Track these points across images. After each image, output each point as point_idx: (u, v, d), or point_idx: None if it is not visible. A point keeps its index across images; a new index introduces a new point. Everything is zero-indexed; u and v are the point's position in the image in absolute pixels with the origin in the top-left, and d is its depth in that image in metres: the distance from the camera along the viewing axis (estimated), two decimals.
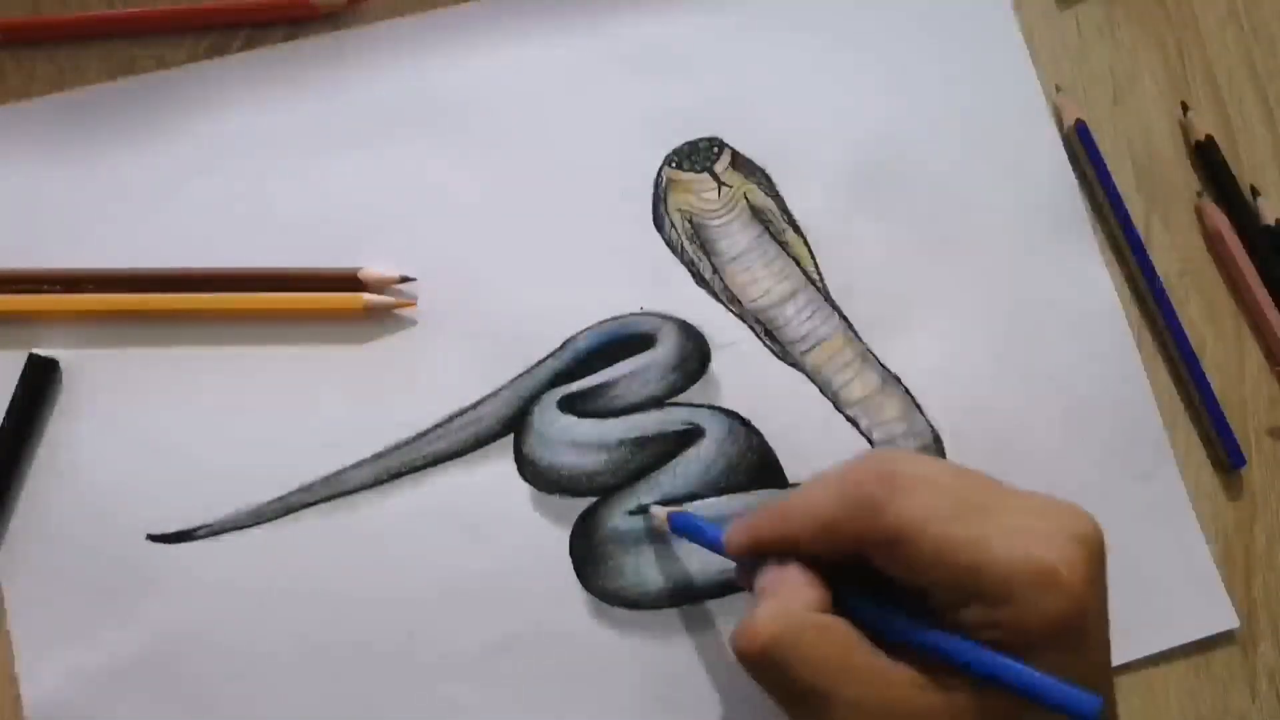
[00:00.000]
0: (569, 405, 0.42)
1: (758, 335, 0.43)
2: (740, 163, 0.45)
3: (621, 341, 0.43)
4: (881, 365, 0.43)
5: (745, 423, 0.42)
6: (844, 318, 0.44)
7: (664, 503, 0.41)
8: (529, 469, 0.41)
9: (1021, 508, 0.32)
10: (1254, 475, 0.44)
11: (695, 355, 0.43)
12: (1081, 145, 0.46)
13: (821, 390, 0.43)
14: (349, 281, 0.42)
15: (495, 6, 0.45)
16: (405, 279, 0.43)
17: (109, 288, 0.42)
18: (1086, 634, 0.31)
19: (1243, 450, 0.44)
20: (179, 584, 0.40)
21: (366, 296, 0.42)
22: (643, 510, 0.41)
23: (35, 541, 0.40)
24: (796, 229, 0.44)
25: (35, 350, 0.41)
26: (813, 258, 0.44)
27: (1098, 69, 0.47)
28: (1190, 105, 0.47)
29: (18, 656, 0.39)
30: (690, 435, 0.42)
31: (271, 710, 0.39)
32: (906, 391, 0.43)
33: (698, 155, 0.44)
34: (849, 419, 0.43)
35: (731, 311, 0.43)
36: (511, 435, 0.42)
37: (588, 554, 0.41)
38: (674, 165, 0.44)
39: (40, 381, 0.41)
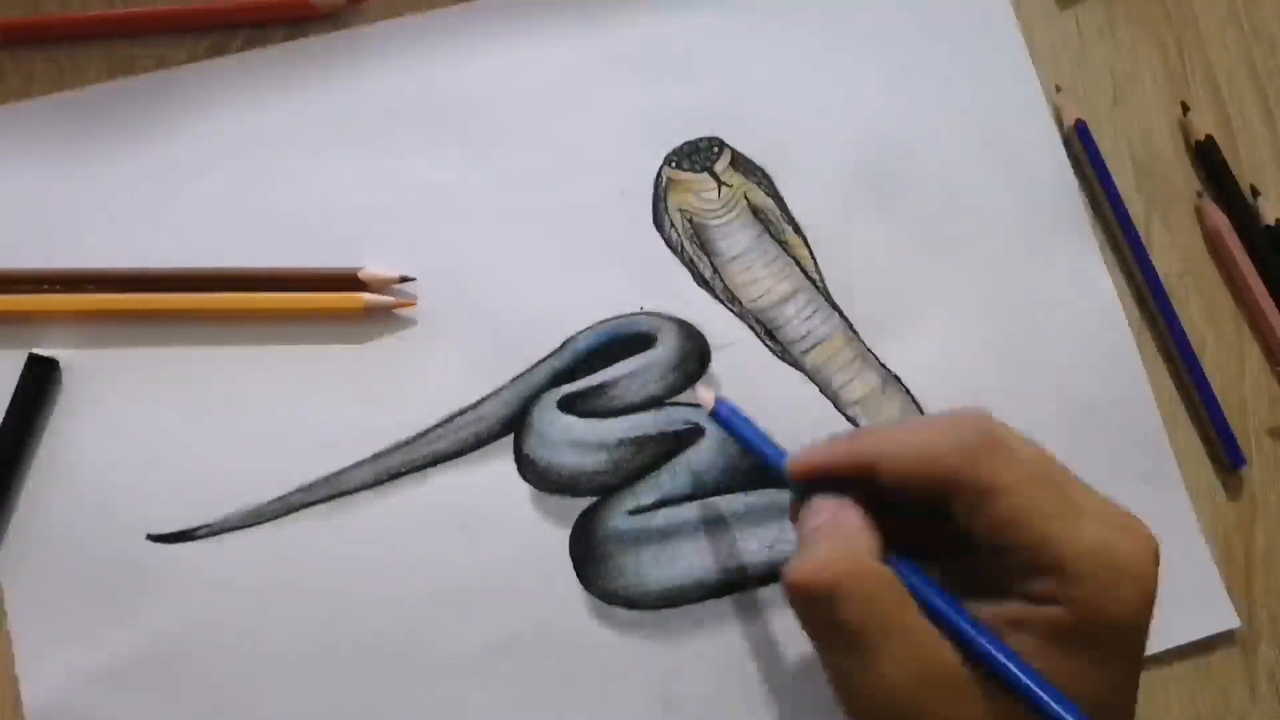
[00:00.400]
0: (569, 405, 0.42)
1: (758, 335, 0.43)
2: (740, 163, 0.45)
3: (621, 341, 0.43)
4: (881, 365, 0.43)
5: None
6: (844, 317, 0.44)
7: (663, 503, 0.41)
8: (529, 469, 0.41)
9: (1099, 502, 0.32)
10: (1254, 475, 0.44)
11: (695, 355, 0.43)
12: (1082, 145, 0.46)
13: (821, 390, 0.43)
14: (349, 281, 0.42)
15: (495, 6, 0.45)
16: (405, 279, 0.43)
17: (109, 287, 0.42)
18: (1141, 639, 0.31)
19: (1243, 450, 0.44)
20: (179, 584, 0.40)
21: (366, 296, 0.42)
22: (642, 510, 0.41)
23: (35, 541, 0.40)
24: (796, 229, 0.44)
25: (35, 350, 0.41)
26: (813, 258, 0.44)
27: (1098, 69, 0.47)
28: (1190, 105, 0.47)
29: (17, 657, 0.39)
30: (690, 435, 0.42)
31: (272, 710, 0.39)
32: (906, 391, 0.43)
33: (698, 155, 0.44)
34: (849, 419, 0.43)
35: (731, 311, 0.43)
36: (511, 435, 0.42)
37: (588, 554, 0.41)
38: (674, 165, 0.44)
39: (40, 381, 0.41)
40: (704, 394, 0.38)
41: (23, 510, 0.40)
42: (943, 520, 0.32)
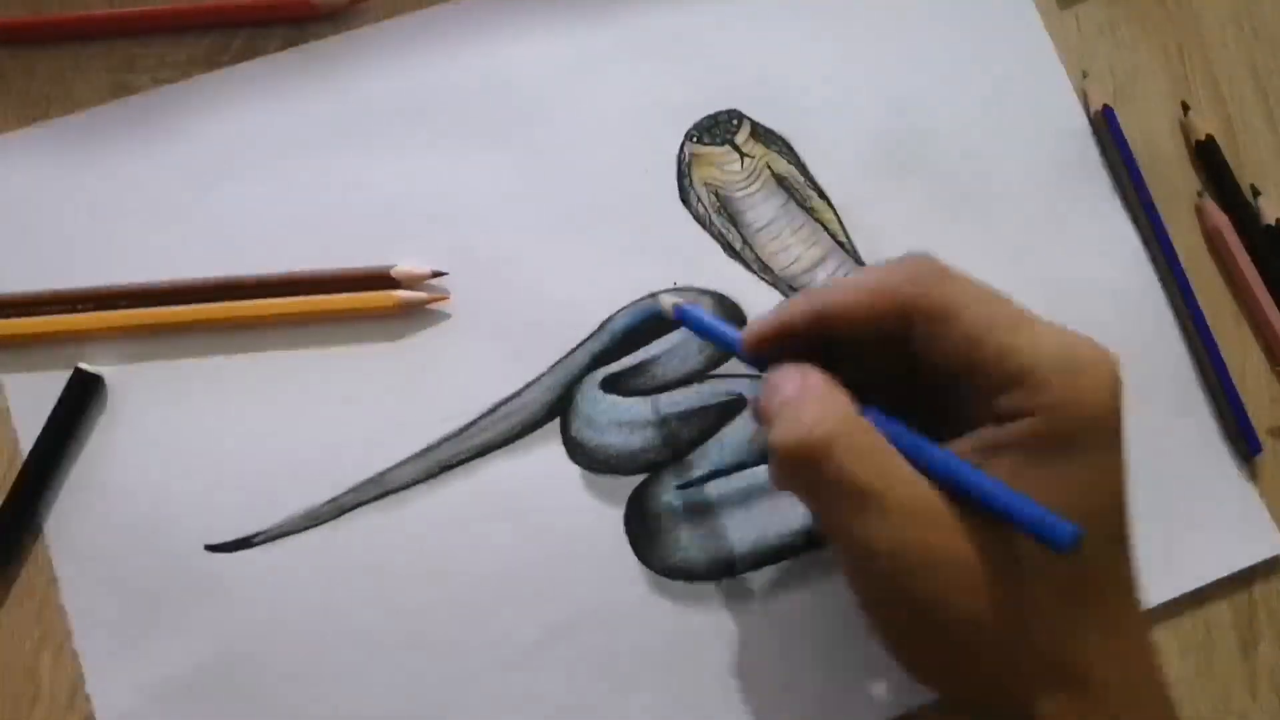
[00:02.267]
0: (611, 385, 0.42)
1: None
2: (760, 133, 0.45)
3: (658, 319, 0.43)
4: None
5: None
6: None
7: (713, 475, 0.41)
8: (578, 451, 0.42)
9: (1048, 322, 0.31)
10: (1256, 473, 0.44)
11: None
12: (1108, 130, 0.46)
13: None
14: (382, 280, 0.42)
15: None
16: (437, 274, 0.43)
17: (143, 302, 0.42)
18: (1117, 435, 0.30)
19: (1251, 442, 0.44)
20: (240, 592, 0.40)
21: (400, 294, 0.42)
22: (693, 483, 0.41)
23: (94, 560, 0.40)
24: (821, 194, 0.45)
25: (81, 365, 0.41)
26: (839, 222, 0.44)
27: (1099, 68, 0.48)
28: (1191, 105, 0.47)
29: (88, 676, 0.39)
30: (734, 406, 0.42)
31: (340, 710, 0.39)
32: None
33: (718, 128, 0.45)
34: None
35: (764, 280, 0.44)
36: (557, 420, 0.42)
37: (643, 530, 0.41)
38: (695, 140, 0.45)
39: (84, 397, 0.41)
40: (666, 300, 0.39)
41: (78, 529, 0.40)
42: (902, 371, 0.32)
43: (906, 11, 0.47)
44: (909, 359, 0.32)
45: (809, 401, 0.31)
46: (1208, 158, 0.47)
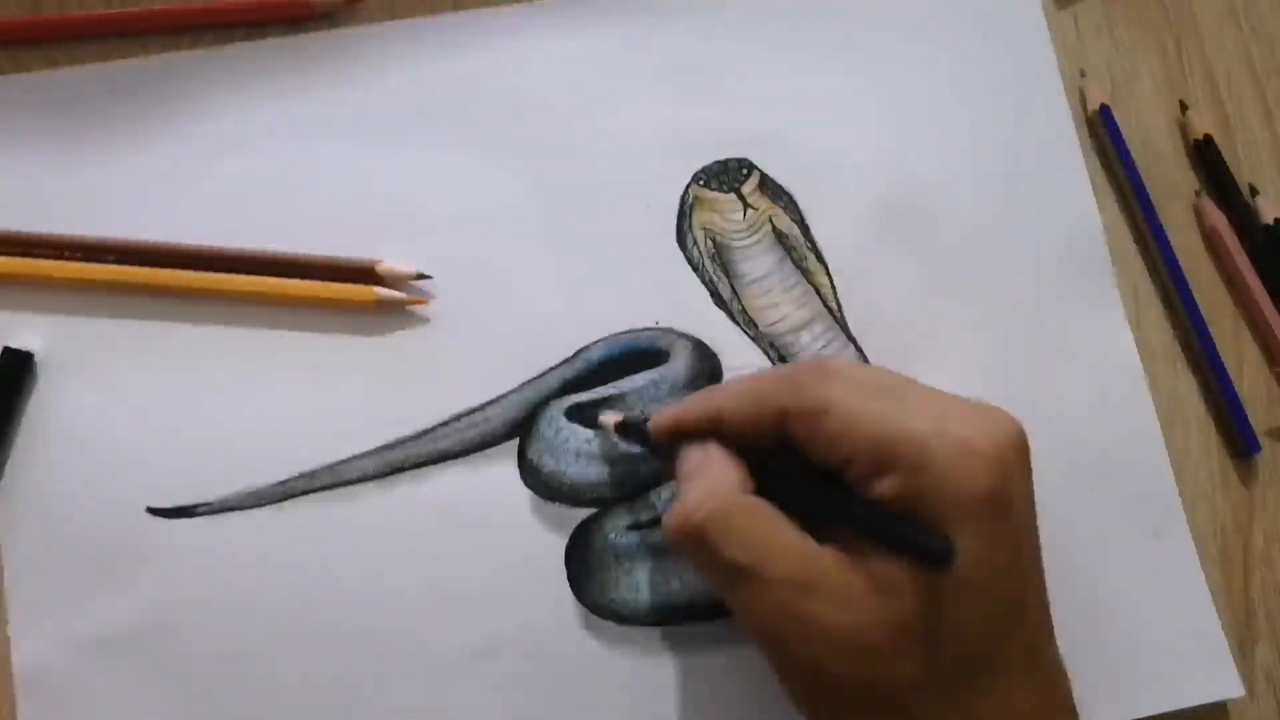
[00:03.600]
0: (577, 414, 0.42)
1: (771, 360, 0.43)
2: (768, 186, 0.44)
3: (634, 354, 0.43)
4: None
5: None
6: (859, 349, 0.43)
7: (660, 520, 0.41)
8: (531, 475, 0.41)
9: (945, 399, 0.33)
10: (1254, 475, 0.44)
11: (706, 375, 0.43)
12: (1105, 129, 0.46)
13: None
14: (366, 273, 0.42)
15: (539, 9, 0.46)
16: (421, 276, 0.43)
17: (129, 259, 0.42)
18: (1008, 508, 0.31)
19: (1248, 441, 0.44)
20: (175, 560, 0.40)
21: (378, 290, 0.42)
22: (640, 526, 0.41)
23: (34, 507, 0.40)
24: (819, 257, 0.44)
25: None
26: (833, 287, 0.44)
27: (1096, 68, 0.47)
28: (1189, 104, 0.47)
29: (11, 620, 0.39)
30: None
31: (255, 690, 0.39)
32: None
33: (726, 175, 0.44)
34: None
35: (747, 334, 0.43)
36: (516, 440, 0.42)
37: (582, 565, 0.40)
38: (702, 183, 0.44)
39: (21, 365, 0.41)
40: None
41: (26, 473, 0.41)
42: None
43: (931, 74, 0.46)
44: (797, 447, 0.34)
45: (695, 482, 0.34)
46: (1206, 157, 0.46)
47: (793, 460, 0.33)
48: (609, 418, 0.40)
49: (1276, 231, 0.45)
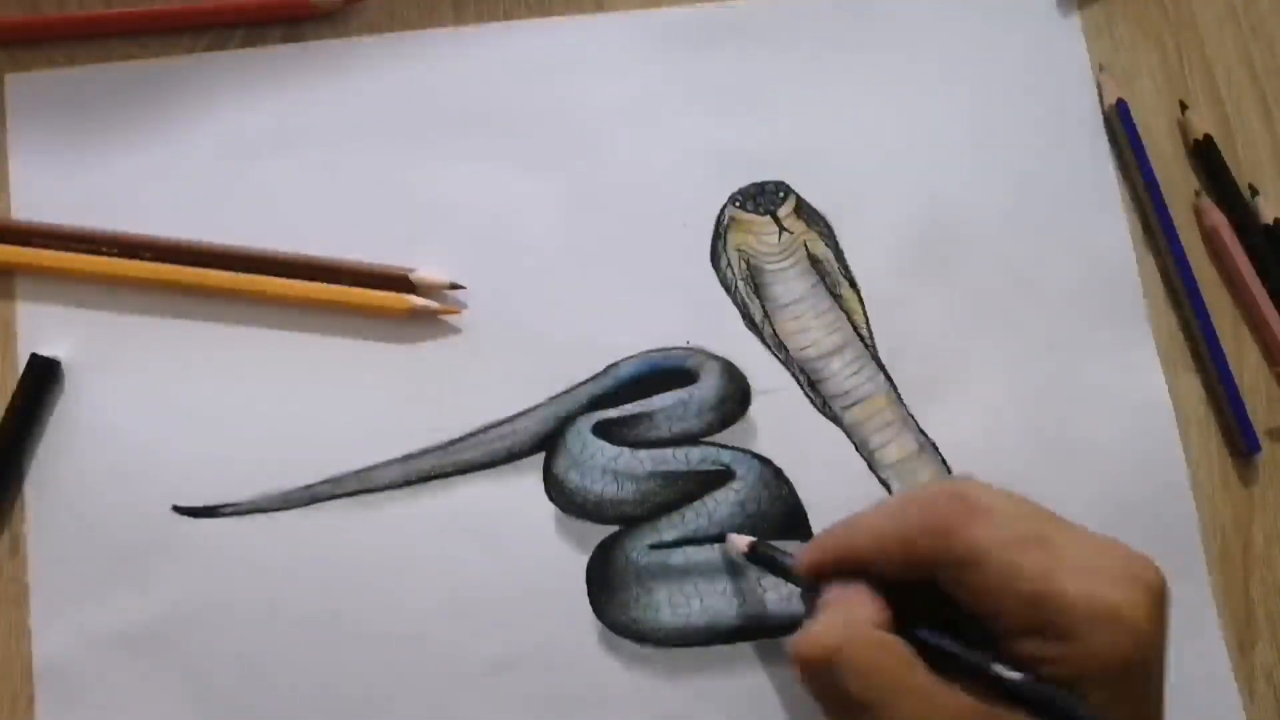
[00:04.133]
0: (604, 430, 0.42)
1: (800, 385, 0.43)
2: (804, 210, 0.44)
3: (664, 373, 0.43)
4: (920, 431, 0.43)
5: (777, 471, 0.42)
6: (889, 378, 0.43)
7: (684, 542, 0.41)
8: (556, 489, 0.41)
9: (1088, 546, 0.32)
10: (1254, 475, 0.44)
11: (735, 397, 0.43)
12: (1121, 123, 0.46)
13: (858, 448, 0.42)
14: (400, 281, 0.42)
15: (578, 25, 0.46)
16: (455, 286, 0.43)
17: (166, 257, 0.42)
18: (1146, 679, 0.31)
19: (1251, 440, 0.43)
20: (198, 559, 0.40)
21: (413, 299, 0.42)
22: (663, 546, 0.41)
23: (62, 501, 0.41)
24: (852, 283, 0.44)
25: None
26: (865, 314, 0.44)
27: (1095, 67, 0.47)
28: (1189, 104, 0.47)
29: (33, 611, 0.40)
30: (721, 476, 0.42)
31: (271, 693, 0.39)
32: (943, 461, 0.43)
33: (763, 197, 0.44)
34: (881, 481, 0.42)
35: (777, 358, 0.43)
36: (543, 454, 0.42)
37: (603, 582, 0.41)
38: (738, 205, 0.44)
39: (48, 371, 0.41)
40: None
41: (56, 468, 0.41)
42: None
43: (972, 102, 0.46)
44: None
45: (831, 611, 0.33)
46: (1205, 157, 0.46)
47: (935, 597, 0.33)
48: (737, 541, 0.39)
49: (1276, 231, 0.45)
